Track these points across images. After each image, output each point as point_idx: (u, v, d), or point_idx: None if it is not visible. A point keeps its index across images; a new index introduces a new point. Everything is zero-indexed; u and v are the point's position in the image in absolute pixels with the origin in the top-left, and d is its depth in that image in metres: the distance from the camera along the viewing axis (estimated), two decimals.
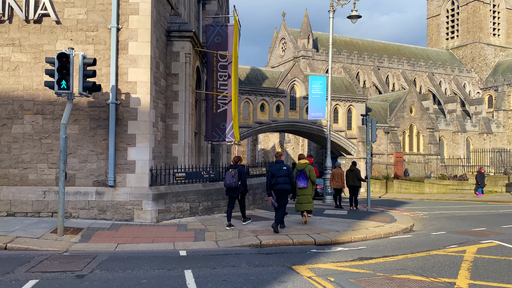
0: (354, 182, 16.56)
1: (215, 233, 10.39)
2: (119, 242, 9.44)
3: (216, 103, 15.05)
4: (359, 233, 10.74)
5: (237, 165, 11.26)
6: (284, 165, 10.80)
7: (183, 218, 12.00)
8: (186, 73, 13.47)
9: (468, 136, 62.39)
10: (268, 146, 63.29)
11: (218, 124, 15.05)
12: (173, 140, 13.41)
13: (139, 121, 11.47)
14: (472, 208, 19.01)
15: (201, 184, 12.70)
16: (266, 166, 16.95)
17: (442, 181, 35.38)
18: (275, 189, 10.64)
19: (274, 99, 40.94)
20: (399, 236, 10.97)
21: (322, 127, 42.77)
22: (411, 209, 19.43)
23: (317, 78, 22.58)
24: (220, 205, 13.10)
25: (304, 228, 11.19)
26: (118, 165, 11.46)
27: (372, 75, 67.04)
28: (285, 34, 65.29)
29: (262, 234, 10.30)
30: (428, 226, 12.92)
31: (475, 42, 76.11)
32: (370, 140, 17.13)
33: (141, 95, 11.47)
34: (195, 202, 12.36)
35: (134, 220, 11.33)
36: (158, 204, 11.47)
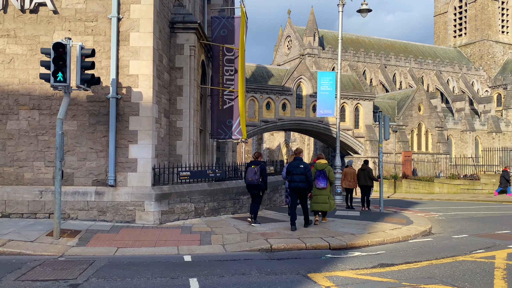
0: (366, 181, 15.83)
1: (222, 236, 9.72)
2: (119, 245, 8.79)
3: (222, 99, 14.37)
4: (376, 236, 10.02)
5: (259, 161, 10.86)
6: (302, 162, 10.49)
7: (188, 220, 11.34)
8: (190, 66, 12.80)
9: (477, 135, 61.38)
10: (273, 145, 62.59)
11: (224, 121, 14.37)
12: (177, 137, 12.75)
13: (141, 117, 10.81)
14: (489, 209, 18.22)
15: (206, 184, 12.04)
16: (274, 164, 16.27)
17: (452, 181, 34.52)
18: (291, 187, 10.49)
19: (280, 97, 40.23)
20: (418, 240, 10.24)
21: (329, 126, 42.02)
22: (424, 209, 18.67)
23: (326, 74, 21.86)
24: (226, 206, 12.43)
25: (317, 231, 10.49)
26: (118, 163, 10.82)
27: (379, 73, 66.15)
28: (291, 32, 64.55)
29: (272, 237, 9.61)
30: (447, 228, 12.17)
31: (483, 39, 74.99)
32: (383, 138, 16.38)
33: (143, 89, 10.82)
34: (200, 202, 11.70)
35: (135, 221, 10.68)
36: (161, 204, 10.81)
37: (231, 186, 12.59)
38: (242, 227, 10.67)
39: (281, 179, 16.35)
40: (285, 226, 11.08)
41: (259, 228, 10.67)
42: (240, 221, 11.55)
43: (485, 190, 30.84)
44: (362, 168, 16.03)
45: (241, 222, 11.47)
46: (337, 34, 20.15)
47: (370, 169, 15.82)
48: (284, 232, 10.23)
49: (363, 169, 15.95)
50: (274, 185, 15.43)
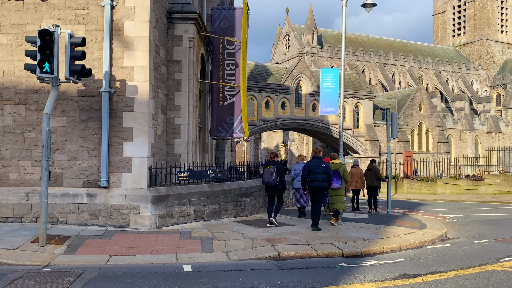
0: (372, 182, 15.07)
1: (225, 242, 8.91)
2: (112, 253, 7.97)
3: (222, 94, 13.55)
4: (391, 242, 9.25)
5: (275, 161, 10.63)
6: (323, 162, 10.34)
7: (187, 224, 10.53)
8: (189, 59, 11.98)
9: (476, 135, 60.86)
10: (272, 145, 61.81)
11: (225, 118, 13.55)
12: (175, 135, 11.94)
13: (136, 112, 9.99)
14: (499, 211, 17.50)
15: (206, 185, 11.23)
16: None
17: (455, 181, 33.85)
18: (313, 186, 10.17)
19: (279, 96, 39.44)
20: (437, 246, 9.47)
21: (329, 125, 41.28)
22: (432, 211, 17.93)
23: (329, 71, 21.07)
24: (228, 209, 11.62)
25: (326, 236, 9.70)
26: (112, 163, 9.99)
27: (378, 72, 65.51)
28: (289, 30, 63.81)
29: (279, 243, 8.82)
30: (463, 232, 11.42)
31: (482, 39, 74.48)
32: (391, 137, 15.63)
33: (138, 82, 9.99)
34: (200, 205, 10.89)
35: (130, 226, 9.86)
36: (158, 207, 9.99)
37: (233, 187, 11.79)
38: (245, 232, 9.87)
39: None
40: (291, 230, 10.29)
41: (264, 232, 9.87)
42: (243, 225, 10.75)
43: (489, 191, 30.19)
44: (369, 168, 15.27)
45: (244, 226, 10.67)
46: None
47: (377, 169, 15.06)
48: (291, 237, 9.43)
49: (369, 169, 15.19)
50: None
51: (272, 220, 10.60)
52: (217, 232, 9.75)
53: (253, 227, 10.51)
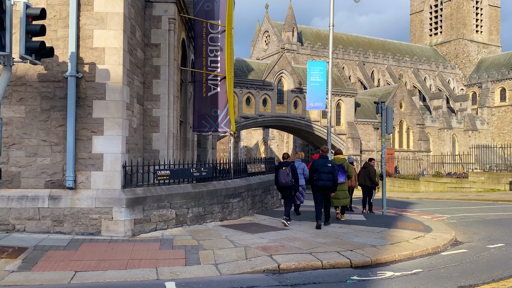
0: (365, 181, 14.01)
1: (213, 251, 7.63)
2: (78, 268, 6.59)
3: (206, 84, 12.21)
4: (402, 249, 8.16)
5: (289, 162, 10.63)
6: (329, 161, 10.34)
7: (168, 230, 9.18)
8: (170, 43, 10.62)
9: (454, 133, 61.34)
10: (251, 143, 60.60)
11: (208, 111, 12.22)
12: (154, 128, 10.56)
13: (108, 101, 8.58)
14: (493, 210, 16.79)
15: (190, 185, 9.90)
16: (265, 162, 14.26)
17: (439, 179, 33.46)
18: (318, 185, 10.16)
19: (261, 92, 38.25)
20: (451, 252, 8.44)
21: (311, 123, 40.39)
22: (425, 210, 17.09)
23: (316, 64, 20.01)
24: (214, 211, 10.33)
25: (329, 242, 8.54)
26: (79, 160, 8.56)
27: (357, 70, 65.18)
28: (269, 27, 62.69)
29: (277, 252, 7.60)
30: (471, 235, 10.47)
31: (458, 38, 75.28)
32: (385, 132, 14.61)
33: (111, 66, 8.58)
34: (183, 208, 9.56)
35: (101, 233, 8.45)
36: (134, 211, 8.62)
37: (219, 188, 10.51)
38: (236, 239, 8.60)
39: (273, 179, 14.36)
40: (287, 235, 9.09)
41: (257, 239, 8.63)
42: (232, 230, 9.48)
43: (473, 189, 29.82)
44: (364, 166, 14.22)
45: (234, 231, 9.40)
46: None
47: (372, 168, 14.00)
48: (289, 244, 8.23)
49: (365, 167, 14.14)
50: (265, 186, 13.42)
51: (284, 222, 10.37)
52: (203, 240, 8.45)
53: (244, 233, 9.26)
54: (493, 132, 67.48)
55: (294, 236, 9.05)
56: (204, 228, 9.64)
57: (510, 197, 23.40)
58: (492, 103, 68.29)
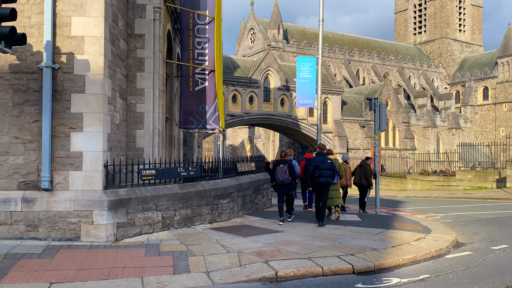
0: (361, 180, 13.57)
1: (203, 258, 7.01)
2: (54, 279, 5.92)
3: (193, 78, 11.54)
4: (404, 252, 7.68)
5: (286, 160, 10.59)
6: (328, 158, 10.56)
7: (153, 234, 8.52)
8: (155, 34, 9.93)
9: (438, 131, 61.78)
10: (237, 141, 59.93)
11: (196, 107, 11.56)
12: (138, 125, 9.87)
13: (87, 95, 7.88)
14: (485, 208, 16.55)
15: (177, 186, 9.25)
16: (256, 161, 13.68)
17: (426, 177, 33.39)
18: (319, 182, 10.28)
19: (247, 90, 37.61)
20: (456, 254, 7.99)
21: (298, 121, 39.98)
22: (418, 209, 16.76)
23: (306, 60, 19.51)
24: (202, 213, 9.70)
25: (327, 245, 8.01)
26: (56, 158, 7.84)
27: (343, 69, 65.06)
28: (254, 24, 62.05)
29: (273, 258, 7.03)
30: (471, 235, 10.08)
31: (442, 37, 75.88)
32: (378, 129, 14.19)
33: (91, 56, 7.88)
34: (170, 210, 8.91)
35: (81, 239, 7.75)
36: (117, 214, 7.94)
37: (208, 188, 9.88)
38: (228, 243, 8.00)
39: (264, 178, 13.80)
40: (282, 239, 8.53)
41: (251, 243, 8.05)
42: (223, 234, 8.88)
43: (460, 187, 29.79)
44: (361, 164, 13.78)
45: (224, 235, 8.79)
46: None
47: (369, 167, 13.56)
48: (285, 249, 7.66)
49: (361, 165, 13.70)
50: (256, 185, 12.84)
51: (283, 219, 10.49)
52: (192, 245, 7.82)
53: (236, 236, 8.67)
54: (476, 130, 68.25)
55: (290, 239, 8.49)
56: (192, 231, 9.01)
57: (498, 195, 23.35)
58: (475, 101, 69.04)
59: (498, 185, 27.62)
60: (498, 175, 28.01)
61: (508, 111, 64.92)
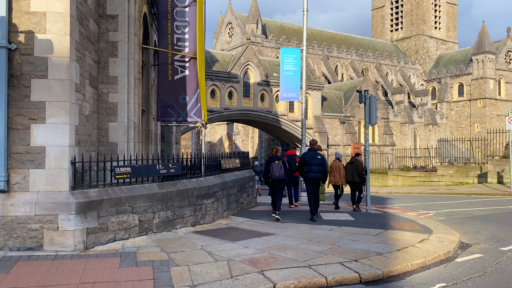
0: (353, 177, 12.85)
1: (188, 268, 6.06)
2: None
3: (172, 66, 10.51)
4: (412, 256, 6.92)
5: (279, 156, 10.70)
6: (318, 153, 10.62)
7: (130, 240, 7.50)
8: (129, 15, 8.87)
9: (415, 127, 62.27)
10: (215, 138, 58.80)
11: (175, 97, 10.53)
12: (111, 117, 8.80)
13: (51, 80, 6.79)
14: (472, 204, 16.11)
15: (156, 185, 8.25)
16: (240, 157, 12.76)
17: (407, 173, 33.22)
18: (309, 177, 10.48)
19: (226, 85, 36.56)
20: (466, 258, 7.29)
21: (278, 116, 39.21)
22: (406, 206, 16.21)
23: (290, 52, 18.66)
24: (184, 215, 8.72)
25: (325, 250, 7.17)
26: (14, 154, 6.73)
27: (322, 65, 64.74)
28: (232, 18, 60.96)
29: (268, 266, 6.14)
30: (473, 235, 9.45)
31: (418, 34, 76.58)
32: (368, 123, 13.47)
33: (54, 36, 6.79)
34: (148, 212, 7.90)
35: (44, 248, 6.68)
36: (87, 219, 6.89)
37: (191, 187, 8.91)
38: (214, 249, 7.06)
39: (249, 175, 12.91)
40: (275, 243, 7.65)
41: (242, 249, 7.13)
42: (208, 238, 7.93)
43: (442, 182, 29.64)
44: (351, 161, 13.06)
45: (210, 239, 7.85)
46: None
47: (360, 163, 12.85)
48: (280, 255, 6.79)
49: (351, 162, 12.98)
50: (241, 183, 11.93)
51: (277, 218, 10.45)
52: (174, 252, 6.85)
53: (223, 241, 7.74)
54: (452, 126, 69.21)
55: (284, 243, 7.62)
56: (174, 236, 8.02)
57: (481, 190, 23.17)
58: (451, 98, 69.97)
59: (480, 180, 27.57)
60: (479, 170, 27.94)
61: (483, 107, 66.03)
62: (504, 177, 26.22)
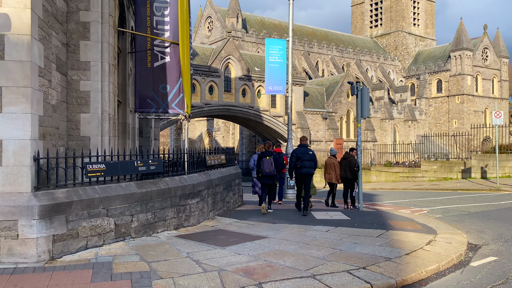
0: (346, 173, 12.15)
1: (173, 281, 5.17)
2: None
3: (151, 52, 9.52)
4: (424, 261, 6.20)
5: (271, 151, 10.77)
6: (309, 149, 10.77)
7: (104, 247, 6.54)
8: None
9: (395, 123, 62.49)
10: (195, 135, 57.58)
11: (155, 87, 9.55)
12: (82, 107, 7.78)
13: (8, 62, 5.77)
14: (463, 200, 15.68)
15: (134, 184, 7.30)
16: (225, 153, 11.86)
17: (390, 169, 32.93)
18: (302, 172, 10.55)
19: (207, 79, 35.49)
20: (481, 261, 6.62)
21: (260, 112, 38.40)
22: (396, 203, 15.68)
23: (276, 43, 17.83)
24: (167, 217, 7.80)
25: (327, 255, 6.38)
26: None
27: (303, 60, 64.22)
28: (212, 12, 59.71)
29: (267, 278, 5.31)
30: (477, 234, 8.85)
31: (398, 30, 76.94)
32: (361, 116, 12.77)
33: (12, 9, 5.76)
34: (125, 215, 6.96)
35: (1, 260, 5.67)
36: (53, 224, 5.91)
37: (174, 186, 7.99)
38: (202, 257, 6.18)
39: (236, 172, 12.05)
40: (271, 248, 6.81)
41: (234, 256, 6.27)
42: (194, 243, 7.03)
43: (425, 178, 29.44)
44: (345, 156, 12.34)
45: (196, 244, 6.96)
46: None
47: (354, 159, 12.15)
48: (278, 263, 5.96)
49: (345, 157, 12.26)
50: (227, 181, 11.05)
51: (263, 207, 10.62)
52: (156, 261, 5.94)
53: (211, 246, 6.86)
54: (431, 122, 69.86)
55: (280, 248, 6.80)
56: (155, 241, 7.10)
57: (466, 186, 22.94)
58: (430, 94, 70.58)
59: (464, 176, 27.43)
60: (463, 165, 27.81)
61: (461, 103, 66.79)
62: (488, 172, 26.11)
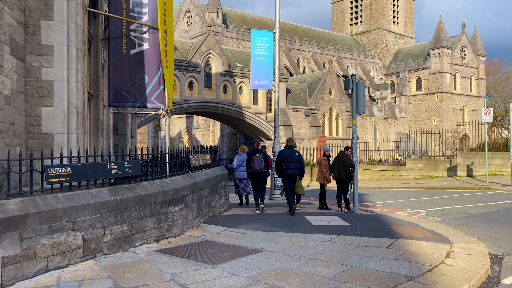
0: (340, 174, 11.23)
1: None
2: None
3: (127, 38, 8.34)
4: (451, 279, 5.29)
5: (260, 149, 10.74)
6: (296, 151, 10.71)
7: (69, 268, 5.38)
8: None
9: (375, 121, 62.47)
10: (173, 132, 56.02)
11: (132, 77, 8.38)
12: (44, 99, 6.57)
13: None
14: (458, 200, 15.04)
15: (106, 190, 6.14)
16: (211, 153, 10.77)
17: (375, 167, 32.37)
18: (288, 174, 10.51)
19: (186, 74, 34.15)
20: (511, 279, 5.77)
21: (242, 109, 37.32)
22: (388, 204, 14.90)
23: (261, 34, 16.80)
24: (145, 228, 6.68)
25: (339, 274, 5.39)
26: None
27: (284, 57, 63.37)
28: (191, 6, 58.20)
29: None
30: (490, 241, 8.04)
31: (378, 28, 77.02)
32: (356, 112, 11.88)
33: None
34: (96, 227, 5.81)
35: None
36: (2, 244, 4.73)
37: (153, 191, 6.86)
38: (189, 280, 5.10)
39: (222, 173, 10.98)
40: (270, 266, 5.77)
41: (229, 279, 5.21)
42: (179, 261, 5.94)
43: (410, 176, 28.98)
44: (339, 156, 11.40)
45: (181, 262, 5.86)
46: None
47: (348, 158, 11.22)
48: (282, 286, 4.93)
49: (339, 157, 11.32)
50: (213, 183, 9.97)
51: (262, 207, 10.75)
52: (134, 285, 4.83)
53: (199, 264, 5.78)
54: (410, 120, 70.21)
55: (281, 266, 5.77)
56: (132, 258, 5.96)
57: (453, 184, 22.50)
58: (409, 91, 70.90)
59: (449, 174, 27.05)
60: (449, 163, 27.44)
61: (440, 101, 67.28)
62: (473, 170, 25.79)
